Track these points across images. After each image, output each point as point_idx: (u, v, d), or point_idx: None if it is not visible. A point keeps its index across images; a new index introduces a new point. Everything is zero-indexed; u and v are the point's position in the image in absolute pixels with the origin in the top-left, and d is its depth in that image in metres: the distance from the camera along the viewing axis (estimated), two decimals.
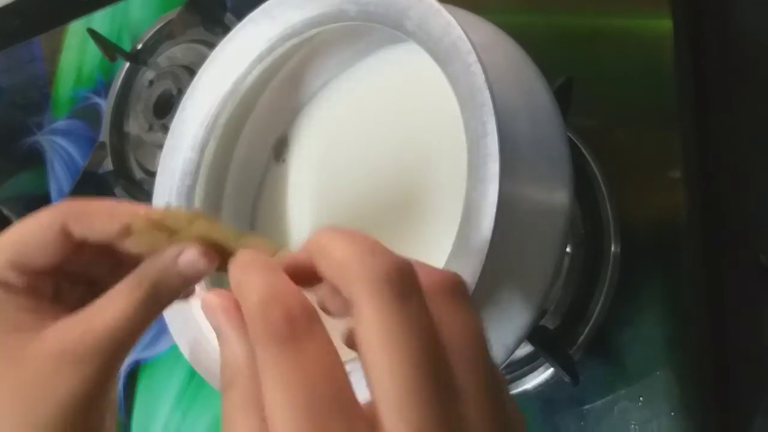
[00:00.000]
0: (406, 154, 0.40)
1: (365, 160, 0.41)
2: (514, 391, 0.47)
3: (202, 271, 0.27)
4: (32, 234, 0.28)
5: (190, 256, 0.27)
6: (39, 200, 0.76)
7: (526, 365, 0.47)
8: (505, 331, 0.32)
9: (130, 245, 0.28)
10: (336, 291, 0.23)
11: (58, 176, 0.75)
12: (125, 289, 0.27)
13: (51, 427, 0.26)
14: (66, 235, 0.27)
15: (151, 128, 0.67)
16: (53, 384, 0.26)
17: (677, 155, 0.46)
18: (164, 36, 0.71)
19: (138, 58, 0.71)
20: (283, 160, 0.45)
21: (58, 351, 0.26)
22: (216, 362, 0.35)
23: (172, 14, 0.70)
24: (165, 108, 0.67)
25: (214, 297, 0.25)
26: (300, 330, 0.21)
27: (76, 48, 0.78)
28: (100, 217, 0.28)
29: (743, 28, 0.51)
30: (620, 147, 0.48)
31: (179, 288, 0.28)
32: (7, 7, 0.83)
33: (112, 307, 0.27)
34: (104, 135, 0.71)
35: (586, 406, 0.45)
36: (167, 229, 0.27)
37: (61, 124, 0.77)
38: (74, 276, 0.29)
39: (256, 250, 0.26)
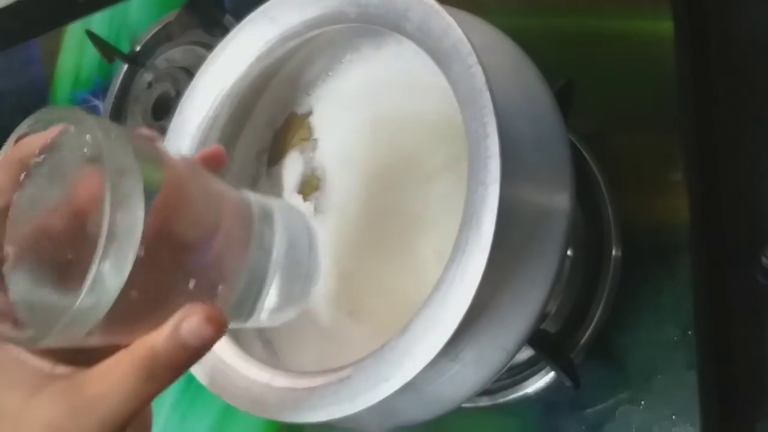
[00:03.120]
0: (405, 155, 0.40)
1: (364, 162, 0.41)
2: (515, 395, 0.47)
3: (209, 339, 0.24)
4: None
5: (192, 325, 0.24)
6: None
7: (527, 369, 0.47)
8: (506, 335, 0.32)
9: None
10: None
11: None
12: (120, 373, 0.24)
13: None
14: None
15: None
16: None
17: (678, 157, 0.46)
18: (163, 38, 0.71)
19: (136, 60, 0.71)
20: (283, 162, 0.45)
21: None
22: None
23: (170, 16, 0.70)
24: (163, 110, 0.67)
25: None
26: None
27: (74, 50, 0.78)
28: None
29: (744, 30, 0.50)
30: (621, 149, 0.48)
31: (187, 362, 0.24)
32: (5, 9, 0.83)
33: (107, 396, 0.24)
34: None
35: (588, 410, 0.45)
36: None
37: None
38: None
39: None
